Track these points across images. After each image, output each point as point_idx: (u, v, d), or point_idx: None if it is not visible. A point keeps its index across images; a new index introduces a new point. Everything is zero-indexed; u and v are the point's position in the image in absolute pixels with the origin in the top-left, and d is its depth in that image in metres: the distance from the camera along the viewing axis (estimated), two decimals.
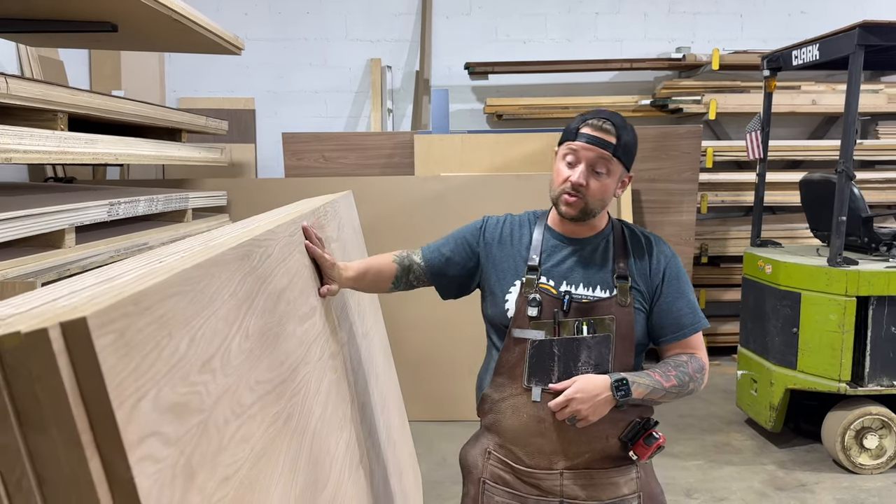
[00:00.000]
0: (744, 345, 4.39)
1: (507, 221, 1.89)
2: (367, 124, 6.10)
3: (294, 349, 1.30)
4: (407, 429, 3.18)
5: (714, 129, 6.12)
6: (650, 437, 1.72)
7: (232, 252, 1.05)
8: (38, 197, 2.94)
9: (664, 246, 1.84)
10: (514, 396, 1.75)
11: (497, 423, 1.79)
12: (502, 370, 1.77)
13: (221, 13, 5.97)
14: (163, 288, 0.77)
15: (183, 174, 5.54)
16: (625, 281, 1.74)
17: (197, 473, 0.75)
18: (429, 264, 1.88)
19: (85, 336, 0.59)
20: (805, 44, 4.02)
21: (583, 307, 1.72)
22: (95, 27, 3.47)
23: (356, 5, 6.04)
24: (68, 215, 2.63)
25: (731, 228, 5.90)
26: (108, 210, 2.93)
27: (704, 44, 6.08)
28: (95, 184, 4.68)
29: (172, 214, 3.74)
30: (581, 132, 1.71)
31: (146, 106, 3.43)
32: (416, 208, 4.50)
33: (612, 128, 1.72)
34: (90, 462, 0.59)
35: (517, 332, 1.73)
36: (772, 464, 3.95)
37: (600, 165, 1.71)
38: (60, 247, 2.59)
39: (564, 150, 1.75)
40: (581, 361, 1.70)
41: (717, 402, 4.89)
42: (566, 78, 6.06)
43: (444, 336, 4.50)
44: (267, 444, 1.01)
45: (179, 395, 0.74)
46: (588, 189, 1.70)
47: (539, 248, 1.79)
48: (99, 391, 0.60)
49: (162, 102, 6.07)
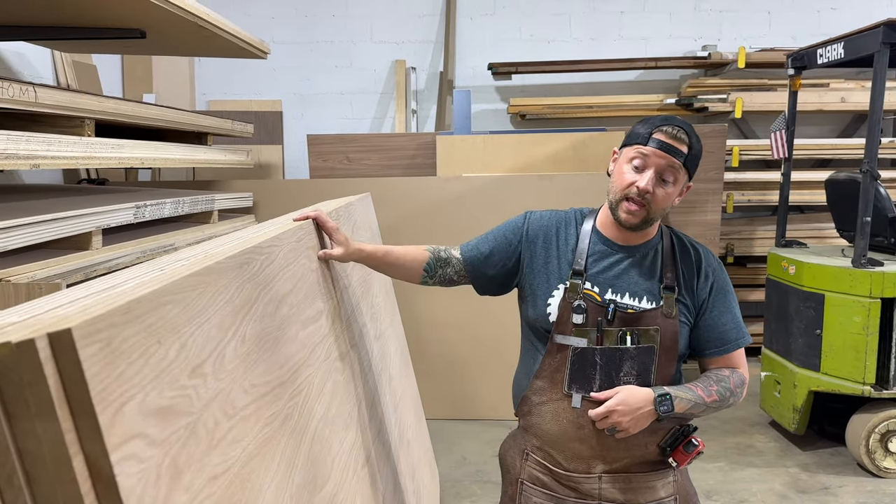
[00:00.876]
0: (767, 346, 4.35)
1: (553, 218, 1.84)
2: (391, 125, 6.16)
3: (296, 352, 1.35)
4: (424, 428, 3.22)
5: (741, 128, 6.06)
6: (689, 443, 1.71)
7: (230, 260, 1.10)
8: (68, 200, 3.04)
9: (712, 258, 1.81)
10: (554, 401, 1.74)
11: (536, 426, 1.78)
12: (543, 374, 1.75)
13: (250, 17, 6.08)
14: (154, 297, 0.82)
15: (212, 176, 5.66)
16: (671, 292, 1.72)
17: (183, 472, 0.80)
18: (468, 261, 1.84)
19: (70, 346, 0.64)
20: (830, 42, 3.97)
21: (627, 317, 1.69)
22: (125, 34, 3.57)
23: (381, 7, 6.10)
24: (95, 218, 2.72)
25: (757, 228, 5.84)
26: (134, 213, 3.02)
27: (731, 41, 6.02)
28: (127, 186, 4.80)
29: (199, 216, 3.83)
30: (654, 137, 1.66)
31: (172, 111, 3.52)
32: (438, 209, 4.55)
33: (685, 137, 1.67)
34: (73, 460, 0.64)
35: (559, 339, 1.71)
36: (795, 466, 3.91)
37: (668, 174, 1.67)
38: (88, 248, 2.68)
39: (632, 154, 1.69)
40: (623, 371, 1.68)
41: (741, 404, 4.81)
42: (590, 77, 6.05)
43: (464, 335, 4.54)
44: (262, 443, 1.06)
45: (167, 399, 0.79)
46: (654, 197, 1.66)
47: (585, 252, 1.75)
48: (83, 396, 0.65)
49: (192, 105, 6.20)
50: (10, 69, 4.57)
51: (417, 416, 3.10)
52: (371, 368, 2.14)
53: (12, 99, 2.23)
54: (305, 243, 1.64)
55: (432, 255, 1.84)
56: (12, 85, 2.22)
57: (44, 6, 3.01)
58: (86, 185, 4.69)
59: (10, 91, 2.22)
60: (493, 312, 4.32)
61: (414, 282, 1.87)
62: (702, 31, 6.08)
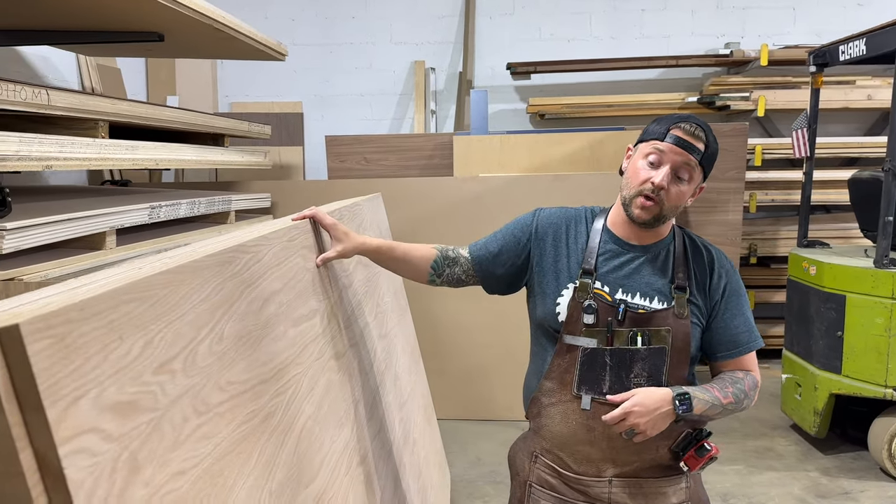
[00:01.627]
0: (788, 348, 4.28)
1: (563, 216, 1.81)
2: (410, 126, 6.18)
3: (283, 350, 1.36)
4: (434, 427, 3.22)
5: (765, 126, 5.97)
6: (702, 448, 1.67)
7: (209, 259, 1.12)
8: (84, 200, 3.10)
9: (725, 260, 1.78)
10: (564, 403, 1.71)
11: (545, 428, 1.76)
12: (552, 375, 1.73)
13: (270, 20, 6.15)
14: (116, 294, 0.83)
15: (233, 177, 5.73)
16: (682, 293, 1.69)
17: (143, 468, 0.81)
18: (476, 260, 1.82)
19: (18, 341, 0.66)
20: (852, 38, 3.89)
21: (638, 317, 1.66)
22: (144, 37, 3.64)
23: (400, 9, 6.12)
24: (109, 218, 2.76)
25: (781, 228, 5.75)
26: (149, 213, 3.07)
27: (755, 39, 5.93)
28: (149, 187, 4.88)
29: (216, 216, 3.88)
30: (671, 133, 1.64)
31: (186, 113, 3.57)
32: (455, 209, 4.55)
33: (703, 135, 1.66)
34: (21, 454, 0.65)
35: (568, 339, 1.69)
36: (815, 470, 3.84)
37: (684, 171, 1.65)
38: (102, 248, 2.73)
39: (648, 149, 1.67)
40: (634, 373, 1.65)
41: (762, 406, 4.77)
42: (611, 76, 6.01)
43: (480, 335, 4.53)
44: (238, 440, 1.07)
45: (127, 395, 0.81)
46: (668, 194, 1.64)
47: (596, 250, 1.73)
48: (31, 391, 0.66)
49: (214, 107, 6.29)
50: (35, 73, 4.67)
51: (427, 416, 3.10)
52: (373, 367, 2.15)
53: (25, 102, 2.28)
54: (300, 242, 1.66)
55: (440, 253, 1.83)
56: (24, 88, 2.27)
57: (66, 11, 3.08)
58: (108, 186, 4.77)
59: (23, 94, 2.27)
60: (509, 313, 4.31)
61: (421, 280, 1.85)
62: (724, 28, 6.00)
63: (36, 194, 3.34)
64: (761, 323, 5.78)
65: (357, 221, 2.43)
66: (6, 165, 2.16)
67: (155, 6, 2.96)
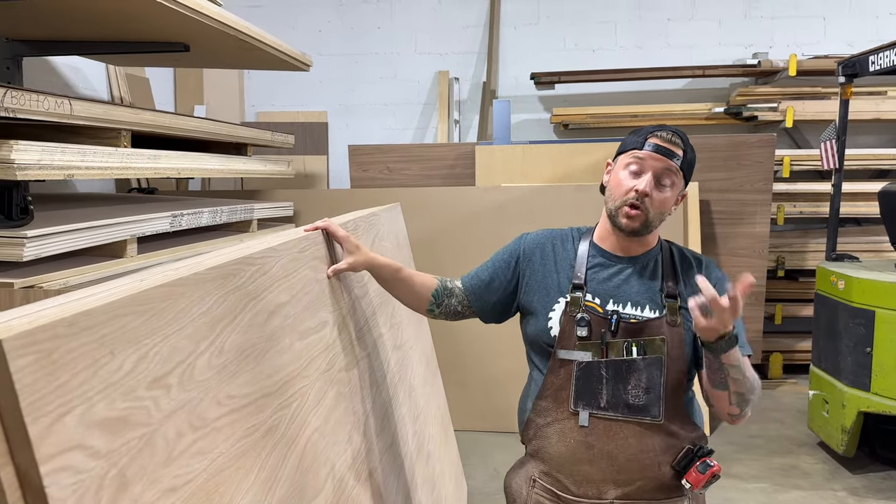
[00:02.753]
0: (816, 364, 4.19)
1: (548, 237, 1.84)
2: (434, 135, 6.18)
3: (288, 363, 1.35)
4: (451, 440, 3.20)
5: (793, 137, 5.87)
6: (704, 464, 1.62)
7: (212, 271, 1.11)
8: (107, 208, 3.14)
9: (714, 269, 1.77)
10: (561, 421, 1.68)
11: (542, 450, 1.72)
12: (547, 393, 1.71)
13: (297, 31, 6.20)
14: (109, 309, 0.83)
15: (258, 186, 5.77)
16: (674, 300, 1.68)
17: (132, 484, 0.80)
18: (468, 290, 1.85)
19: (1, 357, 0.65)
20: (882, 49, 3.81)
21: (631, 327, 1.65)
22: (170, 47, 3.69)
23: (425, 19, 6.14)
24: (131, 226, 2.79)
25: (810, 241, 5.63)
26: (170, 221, 3.09)
27: (783, 49, 5.84)
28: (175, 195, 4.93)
29: (238, 225, 3.91)
30: (649, 142, 1.67)
31: (209, 122, 3.60)
32: (477, 219, 4.53)
33: (680, 141, 1.69)
34: (1, 470, 0.65)
35: (562, 353, 1.68)
36: (843, 490, 3.74)
37: (666, 177, 1.68)
38: (122, 256, 2.76)
39: (628, 160, 1.70)
40: (631, 384, 1.63)
41: (789, 423, 4.67)
42: (636, 86, 5.95)
43: (501, 347, 4.50)
44: (237, 455, 1.06)
45: (117, 411, 0.80)
46: (652, 200, 1.66)
47: (584, 264, 1.73)
48: (13, 407, 0.66)
49: (241, 117, 6.35)
50: (66, 82, 4.76)
51: (444, 428, 3.08)
52: (386, 379, 2.13)
53: (47, 111, 2.31)
54: (311, 254, 1.65)
55: (440, 283, 1.87)
56: (48, 98, 2.30)
57: (96, 22, 3.14)
58: (134, 193, 4.84)
59: (46, 104, 2.30)
60: None
61: (420, 309, 1.87)
62: (752, 38, 5.92)
63: (59, 202, 3.39)
64: (787, 337, 5.67)
65: (374, 232, 2.43)
66: (28, 174, 2.19)
67: (181, 17, 2.99)
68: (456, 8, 6.11)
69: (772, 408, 4.96)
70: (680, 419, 1.67)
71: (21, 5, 2.69)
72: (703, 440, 1.70)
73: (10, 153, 2.13)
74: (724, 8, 5.93)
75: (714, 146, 4.91)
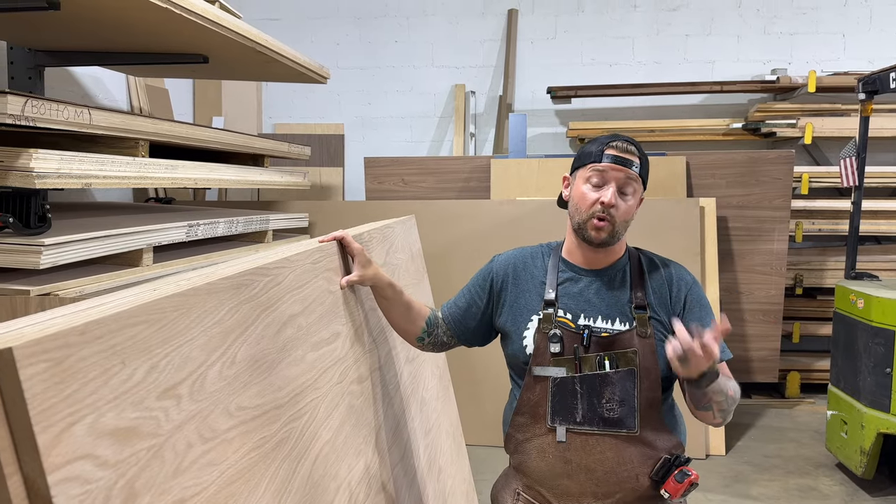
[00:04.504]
0: (834, 384, 4.13)
1: (518, 255, 1.87)
2: (449, 148, 6.19)
3: (300, 375, 1.34)
4: (463, 455, 3.17)
5: (812, 154, 5.82)
6: (682, 473, 1.64)
7: (225, 282, 1.11)
8: (123, 217, 3.15)
9: (684, 273, 1.79)
10: (539, 437, 1.71)
11: (523, 464, 1.76)
12: (524, 409, 1.74)
13: (315, 44, 6.24)
14: (121, 318, 0.82)
15: (275, 196, 5.80)
16: (643, 311, 1.69)
17: (141, 495, 0.79)
18: (448, 318, 1.89)
19: (11, 365, 0.65)
20: None
21: (603, 341, 1.67)
22: (189, 59, 3.72)
23: (442, 33, 6.17)
24: (147, 235, 2.80)
25: (829, 259, 5.57)
26: (186, 231, 3.11)
27: (802, 65, 5.80)
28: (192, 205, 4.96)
29: (253, 235, 3.92)
30: (606, 153, 1.69)
31: (227, 133, 3.62)
32: (491, 232, 4.52)
33: (635, 149, 1.71)
34: (9, 480, 0.64)
35: (537, 370, 1.70)
36: None
37: (627, 186, 1.70)
38: (138, 265, 2.77)
39: (588, 173, 1.72)
40: (605, 398, 1.65)
41: (807, 443, 4.60)
42: (653, 101, 5.94)
43: None
44: (248, 467, 1.06)
45: (127, 420, 0.79)
46: (617, 210, 1.68)
47: (555, 281, 1.76)
48: (22, 415, 0.65)
49: (259, 128, 6.40)
50: (87, 92, 4.81)
51: (456, 443, 3.06)
52: (398, 392, 2.12)
53: (67, 121, 2.33)
54: (324, 265, 1.65)
55: (432, 312, 1.91)
56: (67, 107, 2.32)
57: (116, 34, 3.17)
58: (153, 203, 4.87)
59: (66, 113, 2.32)
60: None
61: (412, 335, 1.88)
62: (771, 54, 5.89)
63: (77, 210, 3.42)
64: (805, 356, 5.60)
65: (387, 244, 2.42)
66: (46, 183, 2.21)
67: (201, 30, 3.02)
68: (473, 22, 6.14)
69: (789, 427, 4.89)
70: (656, 429, 1.68)
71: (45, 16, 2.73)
72: (680, 449, 1.72)
73: (30, 162, 2.14)
74: (743, 24, 5.91)
75: (732, 162, 4.87)
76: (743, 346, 4.99)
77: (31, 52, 3.48)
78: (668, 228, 4.32)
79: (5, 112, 2.04)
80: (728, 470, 4.15)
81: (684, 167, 4.86)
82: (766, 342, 4.99)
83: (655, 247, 2.00)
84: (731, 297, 4.94)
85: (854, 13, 5.81)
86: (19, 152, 2.16)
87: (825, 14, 5.83)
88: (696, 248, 4.34)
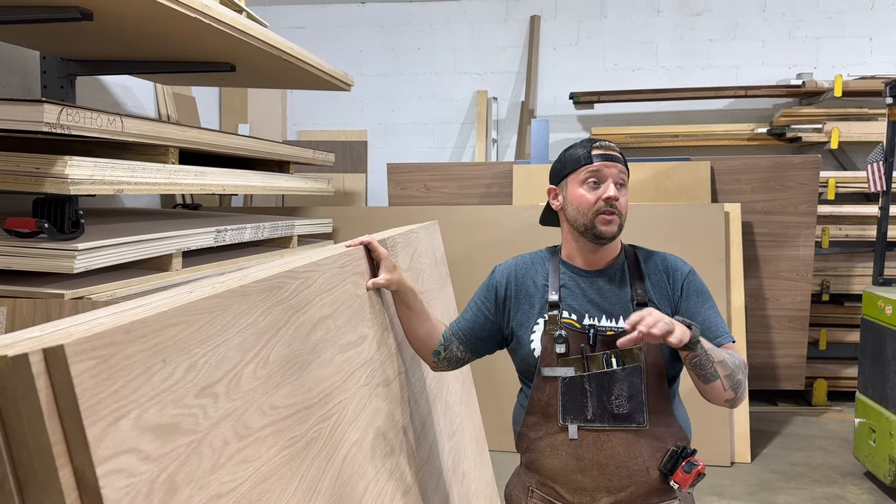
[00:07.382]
0: (862, 391, 4.08)
1: (519, 263, 1.92)
2: (471, 154, 6.21)
3: (329, 376, 1.37)
4: (486, 460, 3.18)
5: (839, 159, 5.76)
6: (689, 464, 1.69)
7: (258, 284, 1.14)
8: (153, 223, 3.21)
9: (681, 263, 1.83)
10: (551, 435, 1.75)
11: (536, 462, 1.80)
12: (535, 409, 1.78)
13: (339, 51, 6.31)
14: (162, 318, 0.85)
15: (299, 202, 5.86)
16: (644, 307, 1.69)
17: (181, 489, 0.82)
18: (458, 333, 1.91)
19: (63, 361, 0.68)
20: None
21: (608, 339, 1.71)
22: (216, 67, 3.79)
23: (464, 40, 6.20)
24: (176, 241, 2.86)
25: (856, 265, 5.51)
26: (214, 236, 3.16)
27: (828, 69, 5.75)
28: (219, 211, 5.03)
29: (279, 241, 3.97)
30: (594, 154, 1.75)
31: (253, 140, 3.68)
32: (514, 237, 4.53)
33: (614, 146, 1.78)
34: (60, 472, 0.67)
35: (546, 371, 1.75)
36: None
37: (621, 179, 1.76)
38: (168, 270, 2.82)
39: (582, 176, 1.75)
40: (614, 395, 1.69)
41: (834, 451, 4.55)
42: (677, 106, 5.92)
43: None
44: (279, 465, 1.08)
45: (168, 417, 0.82)
46: (619, 203, 1.74)
47: (556, 283, 1.80)
48: (73, 410, 0.68)
49: (284, 135, 6.47)
50: (116, 101, 4.90)
51: (479, 448, 3.07)
52: (424, 394, 2.14)
53: (100, 128, 2.39)
54: (352, 269, 1.67)
55: (447, 328, 1.94)
56: (101, 115, 2.38)
57: (145, 43, 3.24)
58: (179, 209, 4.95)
59: (99, 121, 2.38)
60: None
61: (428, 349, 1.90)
62: (796, 58, 5.85)
63: (108, 216, 3.49)
64: (833, 363, 5.54)
65: (411, 249, 2.45)
66: (80, 189, 2.27)
67: (228, 38, 3.08)
68: (495, 28, 6.17)
69: (817, 435, 4.84)
70: (664, 422, 1.72)
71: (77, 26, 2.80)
72: (686, 441, 1.76)
73: (65, 168, 2.20)
74: (768, 28, 5.88)
75: (757, 167, 4.84)
76: (769, 352, 4.95)
77: (64, 61, 3.56)
78: (693, 234, 4.30)
79: (42, 120, 2.10)
80: (754, 478, 4.12)
81: (709, 172, 4.84)
82: (793, 349, 4.94)
83: (680, 252, 2.01)
84: (757, 304, 4.91)
85: (881, 16, 5.76)
86: (54, 159, 2.22)
87: (851, 17, 5.78)
88: (720, 254, 4.32)
